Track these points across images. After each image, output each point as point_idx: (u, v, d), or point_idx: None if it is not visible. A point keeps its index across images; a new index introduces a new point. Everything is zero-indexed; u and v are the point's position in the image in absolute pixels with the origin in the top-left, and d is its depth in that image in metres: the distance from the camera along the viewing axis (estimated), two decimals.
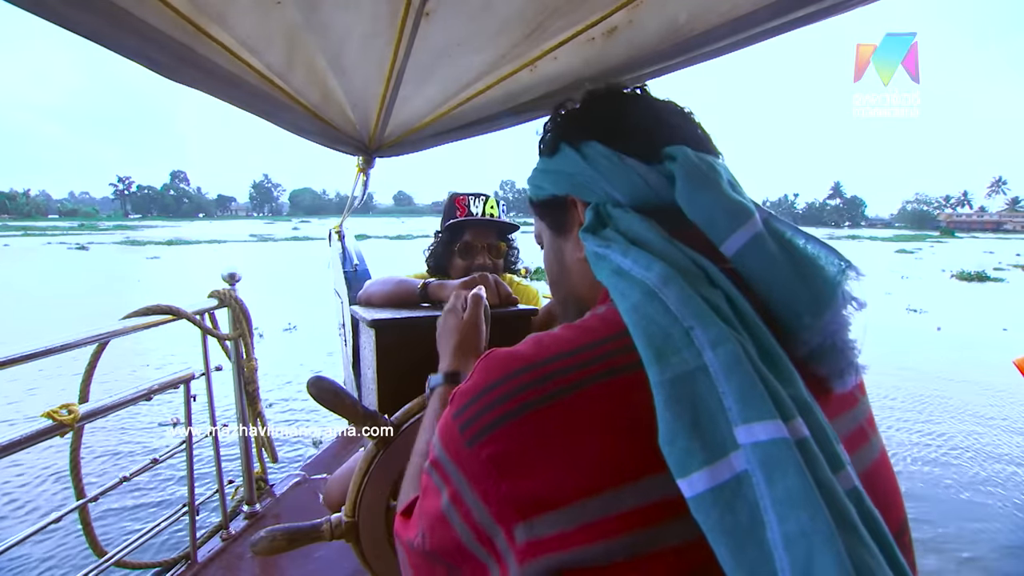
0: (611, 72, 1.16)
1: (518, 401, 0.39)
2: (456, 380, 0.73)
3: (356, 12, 1.03)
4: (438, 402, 0.70)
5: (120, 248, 31.98)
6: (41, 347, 1.12)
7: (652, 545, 0.35)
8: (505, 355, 0.43)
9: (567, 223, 0.57)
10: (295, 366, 6.43)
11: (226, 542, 1.68)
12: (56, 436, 1.12)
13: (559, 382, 0.39)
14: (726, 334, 0.38)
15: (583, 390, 0.38)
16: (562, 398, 0.38)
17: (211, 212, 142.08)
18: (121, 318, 1.41)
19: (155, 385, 1.42)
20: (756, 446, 0.34)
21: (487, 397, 0.40)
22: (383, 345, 0.99)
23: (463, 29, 1.11)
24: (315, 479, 2.03)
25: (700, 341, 0.38)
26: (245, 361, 1.80)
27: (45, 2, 0.76)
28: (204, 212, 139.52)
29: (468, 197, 1.49)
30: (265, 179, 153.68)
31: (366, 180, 1.78)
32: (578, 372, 0.39)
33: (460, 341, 0.78)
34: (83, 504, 1.37)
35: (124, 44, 0.90)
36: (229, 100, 1.17)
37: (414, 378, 0.88)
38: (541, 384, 0.39)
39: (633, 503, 0.35)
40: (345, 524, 0.80)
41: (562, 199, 0.56)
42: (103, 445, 4.17)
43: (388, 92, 1.31)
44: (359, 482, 0.80)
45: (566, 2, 1.02)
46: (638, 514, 0.35)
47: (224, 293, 1.72)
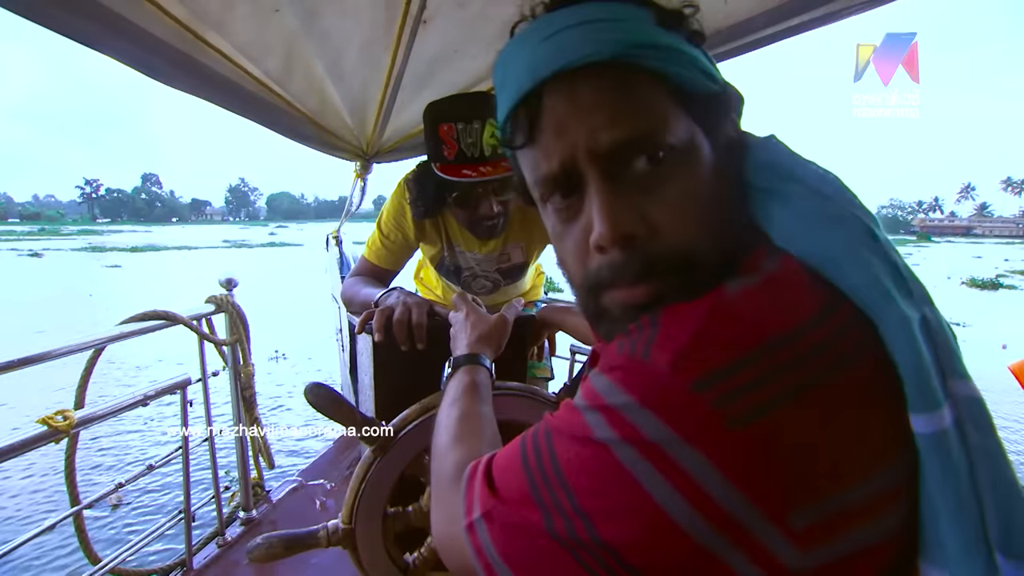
0: None
1: (789, 382, 0.34)
2: (475, 361, 0.73)
3: (355, 19, 1.04)
4: (459, 385, 0.69)
5: (79, 255, 29.04)
6: (36, 352, 1.11)
7: (873, 538, 0.36)
8: (754, 318, 0.36)
9: (727, 124, 0.45)
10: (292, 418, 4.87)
11: (222, 549, 1.67)
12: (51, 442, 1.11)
13: (821, 360, 0.35)
14: (925, 292, 0.39)
15: (840, 374, 0.35)
16: (826, 381, 0.35)
17: (185, 216, 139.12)
18: (118, 323, 1.40)
19: (151, 391, 1.42)
20: (968, 400, 0.36)
21: (752, 370, 0.34)
22: (380, 351, 0.99)
23: (460, 36, 1.12)
24: (312, 485, 2.02)
25: (917, 293, 0.38)
26: (242, 366, 1.80)
27: (43, 8, 0.77)
28: (178, 216, 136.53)
29: (456, 127, 1.04)
30: (241, 183, 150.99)
31: (363, 185, 1.79)
32: (830, 351, 0.36)
33: (485, 333, 0.79)
34: (78, 511, 1.36)
35: (123, 51, 0.90)
36: (227, 106, 1.17)
37: (411, 384, 0.88)
38: (803, 363, 0.35)
39: (877, 489, 0.35)
40: (342, 531, 0.80)
41: (727, 94, 0.45)
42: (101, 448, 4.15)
43: (386, 98, 1.31)
44: (356, 488, 0.80)
45: None
46: (878, 501, 0.35)
47: (221, 298, 1.72)
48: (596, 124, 0.39)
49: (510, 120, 0.44)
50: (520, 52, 0.43)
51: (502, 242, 1.34)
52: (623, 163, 0.40)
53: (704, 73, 0.43)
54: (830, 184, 0.42)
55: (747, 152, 0.45)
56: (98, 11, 0.81)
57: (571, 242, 0.45)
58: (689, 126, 0.41)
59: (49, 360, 1.14)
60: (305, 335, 7.70)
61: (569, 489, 0.36)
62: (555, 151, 0.41)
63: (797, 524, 0.33)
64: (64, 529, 1.37)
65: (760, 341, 0.35)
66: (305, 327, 8.09)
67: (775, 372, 0.34)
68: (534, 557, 0.38)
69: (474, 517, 0.42)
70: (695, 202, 0.41)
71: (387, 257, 1.33)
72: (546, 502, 0.37)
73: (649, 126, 0.39)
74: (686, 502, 0.33)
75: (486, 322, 0.82)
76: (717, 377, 0.34)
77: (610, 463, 0.35)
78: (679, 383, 0.35)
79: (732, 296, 0.37)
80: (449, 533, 0.47)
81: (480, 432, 0.59)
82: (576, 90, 0.40)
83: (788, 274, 0.39)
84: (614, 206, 0.40)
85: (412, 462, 0.83)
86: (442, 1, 1.01)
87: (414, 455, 0.83)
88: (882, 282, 0.37)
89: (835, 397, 0.35)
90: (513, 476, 0.41)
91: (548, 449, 0.39)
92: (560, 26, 0.41)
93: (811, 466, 0.34)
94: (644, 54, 0.40)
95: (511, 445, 0.44)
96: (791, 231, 0.41)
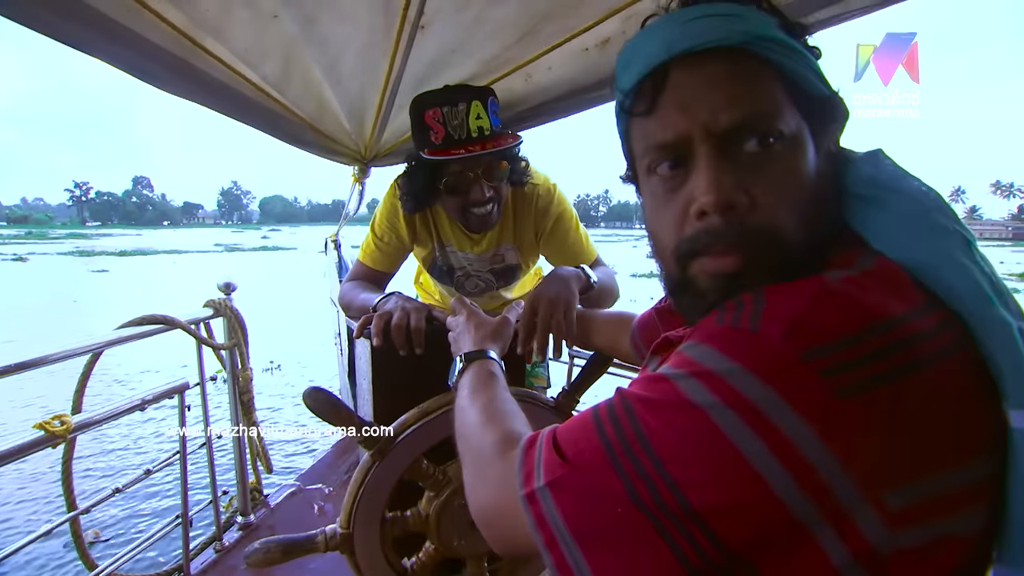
0: (605, 82, 1.18)
1: (895, 362, 0.35)
2: (484, 356, 0.74)
3: (353, 25, 1.04)
4: (476, 377, 0.69)
5: (65, 260, 28.12)
6: (34, 357, 1.11)
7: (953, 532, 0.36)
8: (861, 301, 0.37)
9: (831, 131, 0.48)
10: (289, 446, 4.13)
11: (220, 554, 1.66)
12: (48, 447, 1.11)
13: (923, 348, 0.36)
14: (1019, 307, 0.40)
15: (939, 363, 0.36)
16: (927, 367, 0.36)
17: (177, 220, 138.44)
18: (116, 327, 1.40)
19: (149, 395, 1.41)
20: None
21: (861, 347, 0.35)
22: (379, 356, 0.99)
23: (458, 38, 1.13)
24: (310, 489, 2.01)
25: (1013, 307, 0.39)
26: (240, 371, 1.80)
27: (42, 17, 0.77)
28: (169, 220, 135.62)
29: (442, 111, 1.04)
30: (234, 186, 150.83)
31: (362, 190, 1.79)
32: (930, 342, 0.37)
33: (489, 332, 0.80)
34: (74, 516, 1.35)
35: (121, 57, 0.91)
36: (225, 112, 1.18)
37: (410, 388, 0.88)
38: (908, 346, 0.36)
39: (969, 480, 0.36)
40: (340, 536, 0.80)
41: (834, 102, 0.47)
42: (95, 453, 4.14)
43: (383, 102, 1.32)
44: (355, 493, 0.80)
45: (557, 7, 1.04)
46: (969, 492, 0.36)
47: (220, 303, 1.72)
48: (717, 103, 0.42)
49: (634, 89, 0.47)
50: (655, 33, 0.46)
51: (495, 242, 1.33)
52: (736, 142, 0.43)
53: (818, 77, 0.46)
54: (932, 199, 0.43)
55: (849, 165, 0.47)
56: (97, 18, 0.81)
57: (671, 210, 0.46)
58: (799, 121, 0.44)
59: (47, 365, 1.13)
60: (300, 343, 7.54)
61: (654, 456, 0.36)
62: (674, 122, 0.44)
63: (891, 503, 0.33)
64: (62, 533, 1.37)
65: (867, 322, 0.36)
66: (300, 334, 7.98)
67: (881, 352, 0.35)
68: (609, 527, 0.37)
69: (536, 486, 0.41)
70: (795, 188, 0.43)
71: (381, 259, 1.33)
72: (627, 470, 0.36)
73: (765, 111, 0.43)
74: (784, 469, 0.33)
75: (488, 322, 0.83)
76: (828, 350, 0.34)
77: (707, 428, 0.35)
78: (790, 351, 0.35)
79: (834, 282, 0.38)
80: (496, 506, 0.47)
81: (514, 412, 0.60)
82: (703, 69, 0.43)
83: (886, 271, 0.40)
84: (721, 177, 0.42)
85: (410, 467, 0.83)
86: (441, 5, 1.01)
87: (412, 460, 0.83)
88: (983, 289, 0.38)
89: (935, 382, 0.36)
90: (587, 444, 0.40)
91: (627, 417, 0.38)
92: (697, 15, 0.45)
93: (910, 446, 0.34)
94: (769, 46, 0.43)
95: (578, 418, 0.43)
96: (891, 236, 0.42)
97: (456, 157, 1.05)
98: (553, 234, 1.30)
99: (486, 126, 1.07)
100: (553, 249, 1.33)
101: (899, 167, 0.46)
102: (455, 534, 0.86)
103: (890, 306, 0.37)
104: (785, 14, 0.47)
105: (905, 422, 0.34)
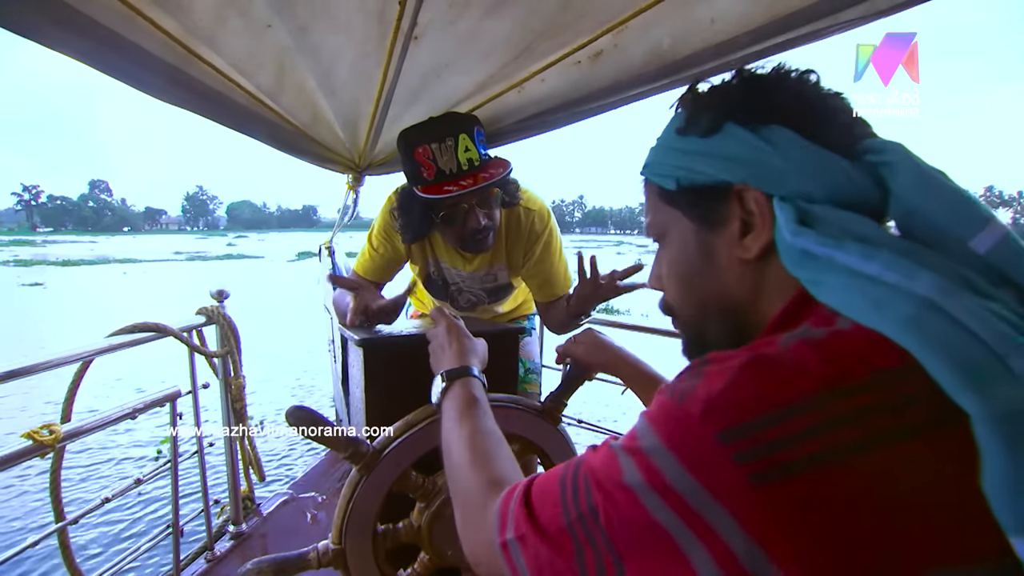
0: (597, 94, 1.18)
1: (821, 444, 0.32)
2: (467, 373, 0.74)
3: (346, 35, 1.04)
4: (459, 400, 0.69)
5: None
6: (24, 364, 1.10)
7: None
8: (790, 371, 0.34)
9: (723, 216, 0.48)
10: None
11: (211, 564, 1.65)
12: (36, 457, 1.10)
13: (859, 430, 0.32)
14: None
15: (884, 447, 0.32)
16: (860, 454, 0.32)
17: (138, 226, 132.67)
18: (107, 335, 1.39)
19: (140, 403, 1.40)
20: None
21: (778, 428, 0.32)
22: (371, 364, 0.99)
23: (452, 51, 1.13)
24: (303, 498, 2.00)
25: (1021, 370, 0.31)
26: (233, 379, 1.79)
27: (35, 24, 0.77)
28: (130, 226, 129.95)
29: (431, 148, 1.08)
30: (199, 191, 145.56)
31: (356, 198, 1.80)
32: (880, 420, 0.33)
33: (469, 345, 0.79)
34: (63, 527, 1.34)
35: (115, 66, 0.90)
36: (220, 120, 1.18)
37: (403, 396, 0.88)
38: (839, 427, 0.32)
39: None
40: (332, 551, 0.79)
41: (724, 188, 0.47)
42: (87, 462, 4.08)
43: (377, 112, 1.32)
44: (344, 508, 0.79)
45: (552, 27, 1.05)
46: None
47: (212, 310, 1.71)
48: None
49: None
50: None
51: (487, 262, 1.36)
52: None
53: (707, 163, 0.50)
54: (876, 260, 0.38)
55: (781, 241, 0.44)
56: (90, 26, 0.81)
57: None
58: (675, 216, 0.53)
59: (37, 373, 1.12)
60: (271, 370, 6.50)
61: (603, 529, 0.38)
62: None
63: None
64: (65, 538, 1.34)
65: (790, 399, 0.33)
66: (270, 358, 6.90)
67: (799, 436, 0.32)
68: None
69: (508, 537, 0.46)
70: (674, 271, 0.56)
71: (374, 270, 1.37)
72: (580, 539, 0.39)
73: (649, 221, 0.57)
74: (710, 556, 0.33)
75: (469, 335, 0.82)
76: (743, 431, 0.33)
77: (639, 510, 0.36)
78: (708, 432, 0.34)
79: (780, 346, 0.36)
80: (483, 551, 0.51)
81: (497, 452, 0.62)
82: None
83: (856, 332, 0.36)
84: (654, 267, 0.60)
85: (398, 479, 0.83)
86: (434, 17, 1.02)
87: (400, 472, 0.82)
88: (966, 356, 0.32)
89: (902, 457, 0.32)
90: (552, 508, 0.43)
91: (584, 488, 0.40)
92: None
93: (842, 551, 0.31)
94: (649, 171, 0.55)
95: (551, 475, 0.46)
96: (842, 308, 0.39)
97: (451, 196, 1.08)
98: (540, 260, 1.32)
99: (475, 157, 1.10)
100: (532, 272, 1.35)
101: (828, 239, 0.40)
102: (448, 544, 0.86)
103: (827, 379, 0.34)
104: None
105: (832, 523, 0.31)
